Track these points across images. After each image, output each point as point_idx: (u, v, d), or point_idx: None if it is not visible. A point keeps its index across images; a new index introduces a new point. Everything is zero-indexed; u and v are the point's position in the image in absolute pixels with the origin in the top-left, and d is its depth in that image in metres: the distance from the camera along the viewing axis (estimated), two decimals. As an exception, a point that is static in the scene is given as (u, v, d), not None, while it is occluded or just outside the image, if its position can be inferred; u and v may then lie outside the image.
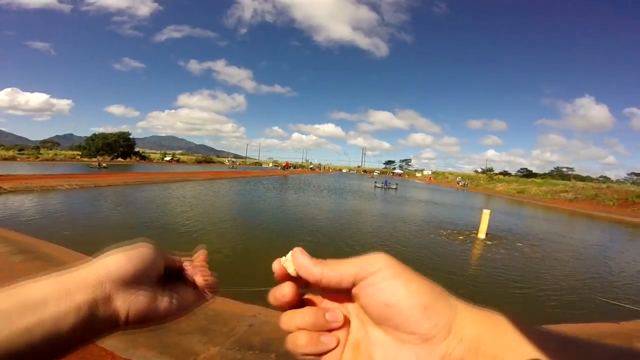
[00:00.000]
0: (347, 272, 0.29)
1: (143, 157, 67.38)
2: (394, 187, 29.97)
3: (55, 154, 51.59)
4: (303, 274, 0.31)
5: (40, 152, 50.63)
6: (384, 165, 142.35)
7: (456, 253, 6.92)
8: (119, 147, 62.15)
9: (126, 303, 0.33)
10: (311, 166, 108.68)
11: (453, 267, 5.75)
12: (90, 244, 5.17)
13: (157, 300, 0.36)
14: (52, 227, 6.60)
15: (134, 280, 0.34)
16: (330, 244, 6.79)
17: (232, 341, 2.68)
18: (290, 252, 0.32)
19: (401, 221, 10.85)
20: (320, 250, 6.16)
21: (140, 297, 0.34)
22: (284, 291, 0.32)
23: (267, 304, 0.34)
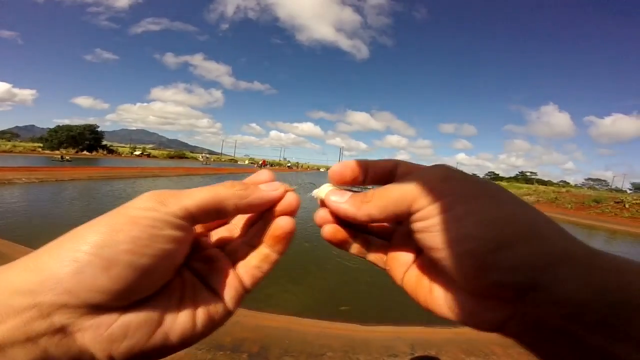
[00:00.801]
0: (395, 208, 0.23)
1: (111, 151, 64.37)
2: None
3: (14, 146, 48.23)
4: (340, 216, 0.26)
5: (-4, 142, 47.21)
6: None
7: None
8: (85, 139, 59.04)
9: (103, 337, 0.18)
10: (289, 164, 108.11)
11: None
12: (44, 241, 4.84)
13: (167, 321, 0.21)
14: (6, 223, 6.15)
15: (120, 296, 0.19)
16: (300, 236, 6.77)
17: (201, 342, 2.59)
18: (323, 186, 0.28)
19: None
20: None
21: (133, 324, 0.19)
22: (320, 215, 0.27)
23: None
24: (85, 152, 56.38)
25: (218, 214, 0.23)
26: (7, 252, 4.18)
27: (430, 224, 0.21)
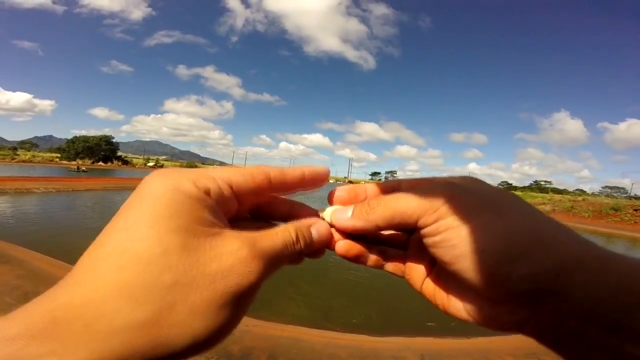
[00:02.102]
0: (401, 220, 0.23)
1: (125, 162, 65.88)
2: None
3: (33, 156, 49.89)
4: (345, 230, 0.26)
5: (17, 152, 48.86)
6: (370, 177, 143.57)
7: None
8: (101, 150, 60.65)
9: None
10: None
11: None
12: (63, 250, 4.96)
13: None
14: (25, 230, 6.32)
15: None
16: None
17: (211, 350, 2.61)
18: (328, 208, 0.28)
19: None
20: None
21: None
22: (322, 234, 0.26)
23: (248, 313, 0.29)
24: (100, 163, 57.79)
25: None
26: (26, 259, 4.29)
27: (440, 240, 0.21)
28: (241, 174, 0.23)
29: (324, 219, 0.27)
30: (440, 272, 0.26)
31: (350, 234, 0.26)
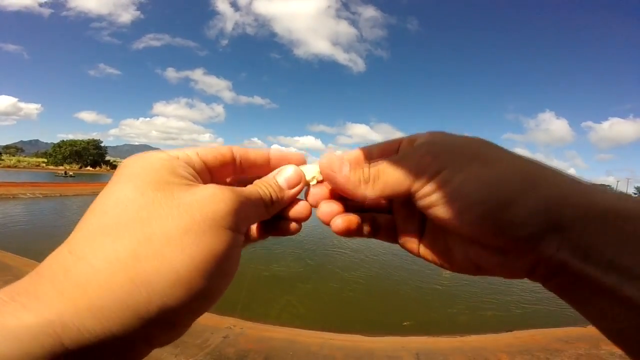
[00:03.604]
0: (393, 191, 0.23)
1: (114, 167, 64.63)
2: None
3: (19, 161, 48.75)
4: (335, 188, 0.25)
5: (2, 158, 47.67)
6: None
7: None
8: (89, 155, 59.52)
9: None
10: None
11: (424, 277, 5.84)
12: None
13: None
14: (11, 236, 6.18)
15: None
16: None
17: (206, 353, 2.58)
18: (310, 166, 0.27)
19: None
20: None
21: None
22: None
23: (242, 316, 0.26)
24: (89, 168, 56.77)
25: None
26: (13, 265, 4.19)
27: (434, 200, 0.22)
28: (207, 148, 0.24)
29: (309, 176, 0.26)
30: (436, 231, 0.25)
31: (335, 197, 0.26)
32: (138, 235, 0.17)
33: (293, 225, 0.26)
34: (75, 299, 0.16)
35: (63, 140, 60.34)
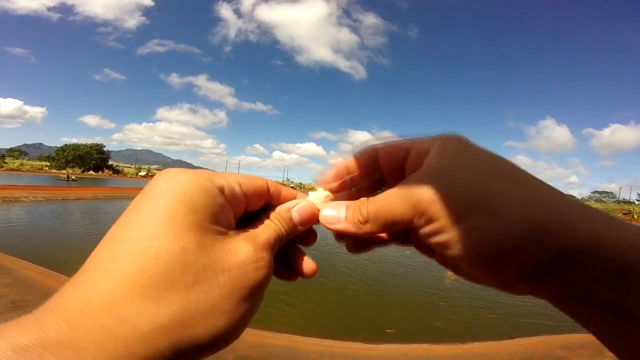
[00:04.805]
0: (394, 225, 0.23)
1: (117, 171, 64.99)
2: None
3: (22, 164, 49.02)
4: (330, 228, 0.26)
5: (5, 160, 48.00)
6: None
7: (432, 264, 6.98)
8: (92, 159, 59.81)
9: None
10: (292, 185, 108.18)
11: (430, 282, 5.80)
12: (51, 258, 4.85)
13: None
14: (12, 239, 6.17)
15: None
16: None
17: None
18: (314, 194, 0.27)
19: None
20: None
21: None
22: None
23: None
24: (91, 172, 56.94)
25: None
26: (13, 268, 4.18)
27: (434, 243, 0.22)
28: (247, 177, 0.24)
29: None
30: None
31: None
32: (185, 303, 0.18)
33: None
34: (122, 357, 0.16)
35: (66, 144, 60.70)
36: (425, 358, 2.77)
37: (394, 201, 0.23)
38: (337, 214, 0.25)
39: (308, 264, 0.26)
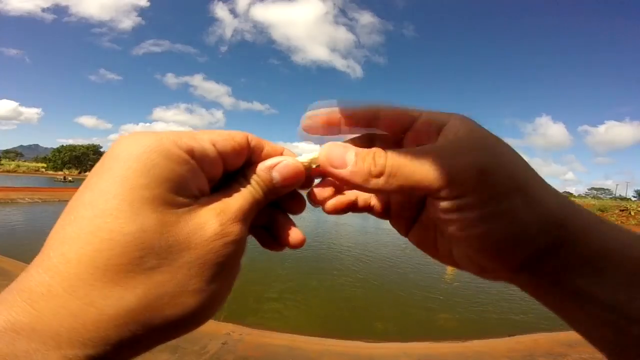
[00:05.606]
0: (411, 189, 0.20)
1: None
2: None
3: (18, 165, 48.82)
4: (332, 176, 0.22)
5: (1, 162, 47.74)
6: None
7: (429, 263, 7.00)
8: (88, 160, 59.56)
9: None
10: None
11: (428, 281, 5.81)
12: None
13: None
14: (9, 240, 6.16)
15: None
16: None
17: (205, 359, 2.54)
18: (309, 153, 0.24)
19: (375, 232, 10.93)
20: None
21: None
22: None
23: (241, 322, 0.27)
24: (88, 173, 56.66)
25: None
26: (10, 269, 4.16)
27: (456, 218, 0.20)
28: (222, 134, 0.21)
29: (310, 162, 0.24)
30: (429, 224, 0.25)
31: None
32: (148, 284, 0.17)
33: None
34: (93, 344, 0.15)
35: (63, 145, 60.57)
36: (426, 356, 2.77)
37: (424, 162, 0.19)
38: (344, 156, 0.21)
39: (295, 233, 0.24)
